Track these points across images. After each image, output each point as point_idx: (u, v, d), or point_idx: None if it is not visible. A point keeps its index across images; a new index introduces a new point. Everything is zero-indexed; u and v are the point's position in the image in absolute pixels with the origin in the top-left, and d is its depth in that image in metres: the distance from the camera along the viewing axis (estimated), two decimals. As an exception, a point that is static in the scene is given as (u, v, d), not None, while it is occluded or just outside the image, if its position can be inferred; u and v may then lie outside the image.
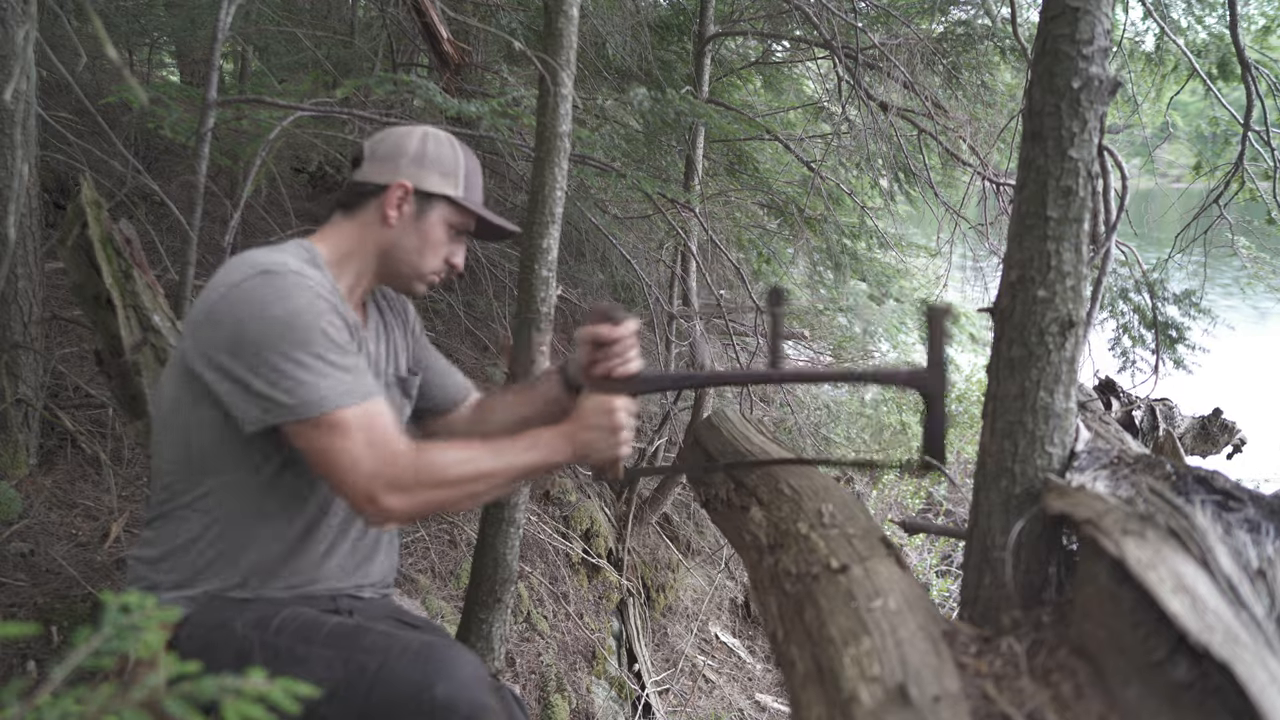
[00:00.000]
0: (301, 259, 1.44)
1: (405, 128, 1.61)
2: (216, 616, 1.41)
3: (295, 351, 1.31)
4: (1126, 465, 1.27)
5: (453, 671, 1.30)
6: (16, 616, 2.00)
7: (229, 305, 1.34)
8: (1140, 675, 0.85)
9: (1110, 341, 2.22)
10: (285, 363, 1.31)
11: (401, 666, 1.30)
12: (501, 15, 3.30)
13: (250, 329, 1.31)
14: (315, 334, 1.33)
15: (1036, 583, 1.29)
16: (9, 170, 2.16)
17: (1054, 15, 1.25)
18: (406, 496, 1.32)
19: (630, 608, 3.88)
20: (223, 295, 1.36)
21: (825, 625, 1.11)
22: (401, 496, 1.32)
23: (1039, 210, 1.26)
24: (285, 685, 0.76)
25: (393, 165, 1.54)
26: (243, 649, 1.36)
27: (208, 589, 1.43)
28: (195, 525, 1.42)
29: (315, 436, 1.32)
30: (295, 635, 1.38)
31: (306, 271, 1.40)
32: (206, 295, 1.39)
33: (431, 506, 1.37)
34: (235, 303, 1.34)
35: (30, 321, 2.29)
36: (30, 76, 2.14)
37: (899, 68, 3.19)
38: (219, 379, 1.34)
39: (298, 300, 1.33)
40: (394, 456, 1.33)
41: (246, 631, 1.38)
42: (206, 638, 1.38)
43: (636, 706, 3.41)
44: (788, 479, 1.58)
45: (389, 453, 1.33)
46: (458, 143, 1.62)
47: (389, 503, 1.32)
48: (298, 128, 2.57)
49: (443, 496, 1.36)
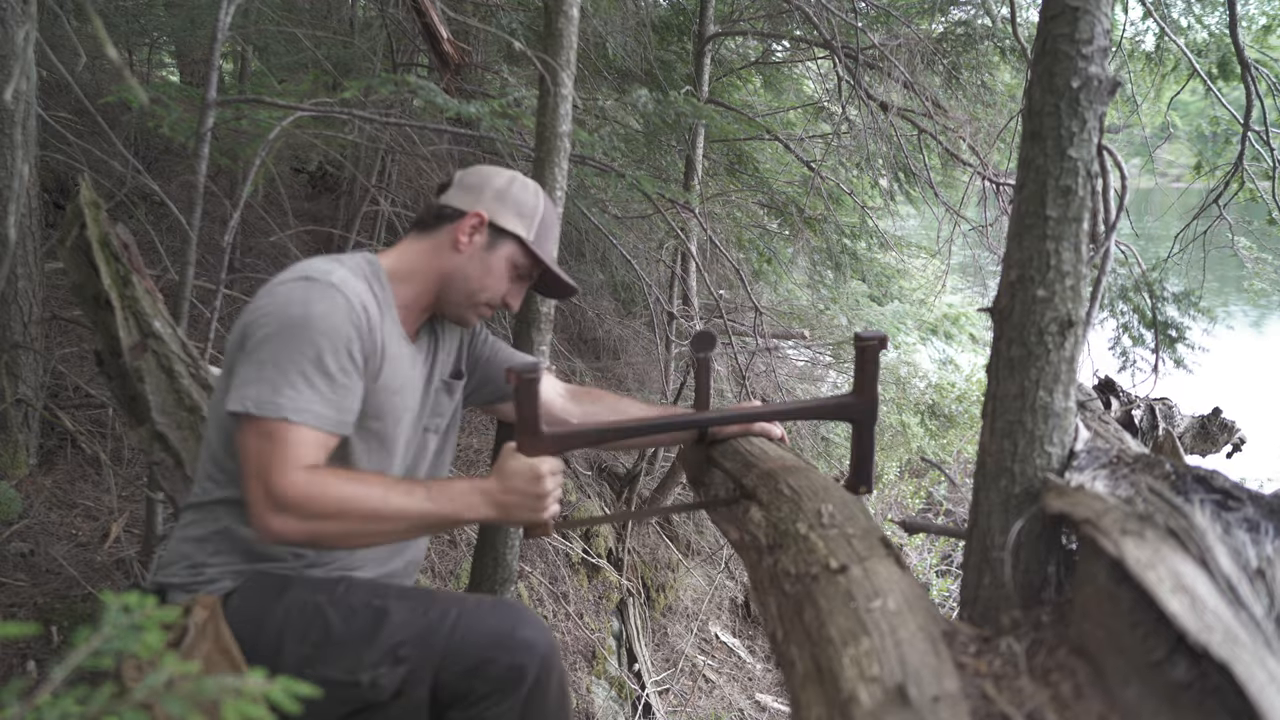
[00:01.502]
0: (358, 272, 1.49)
1: (498, 167, 1.69)
2: (271, 588, 1.44)
3: (285, 354, 1.35)
4: (1126, 465, 1.27)
5: (530, 619, 1.43)
6: (16, 616, 2.01)
7: (262, 299, 1.41)
8: (1139, 675, 0.85)
9: (1110, 341, 2.22)
10: (271, 361, 1.34)
11: (482, 613, 1.41)
12: (501, 15, 3.30)
13: (264, 323, 1.37)
14: (310, 347, 1.36)
15: (1036, 582, 1.29)
16: (9, 170, 2.16)
17: (1053, 15, 1.25)
18: (294, 522, 1.31)
19: (630, 607, 3.88)
20: (265, 291, 1.43)
21: (825, 626, 1.11)
22: (287, 520, 1.31)
23: (1038, 210, 1.26)
24: (285, 685, 0.77)
25: (475, 196, 1.62)
26: (311, 612, 1.40)
27: (257, 566, 1.46)
28: (242, 511, 1.43)
29: (249, 434, 1.34)
30: (368, 593, 1.44)
31: (350, 285, 1.43)
32: (259, 291, 1.46)
33: (324, 537, 1.35)
34: (268, 298, 1.41)
35: (30, 321, 2.29)
36: (30, 77, 2.14)
37: (899, 67, 3.19)
38: (235, 363, 1.39)
39: (315, 309, 1.38)
40: (293, 482, 1.32)
41: (312, 596, 1.42)
42: (261, 608, 1.41)
43: (636, 706, 3.41)
44: (787, 479, 1.58)
45: (291, 477, 1.32)
46: (543, 194, 1.69)
47: (274, 523, 1.31)
48: (297, 128, 2.57)
49: (333, 529, 1.34)
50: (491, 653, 1.38)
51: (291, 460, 1.33)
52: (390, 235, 4.18)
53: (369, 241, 4.17)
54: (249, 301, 1.47)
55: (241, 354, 1.38)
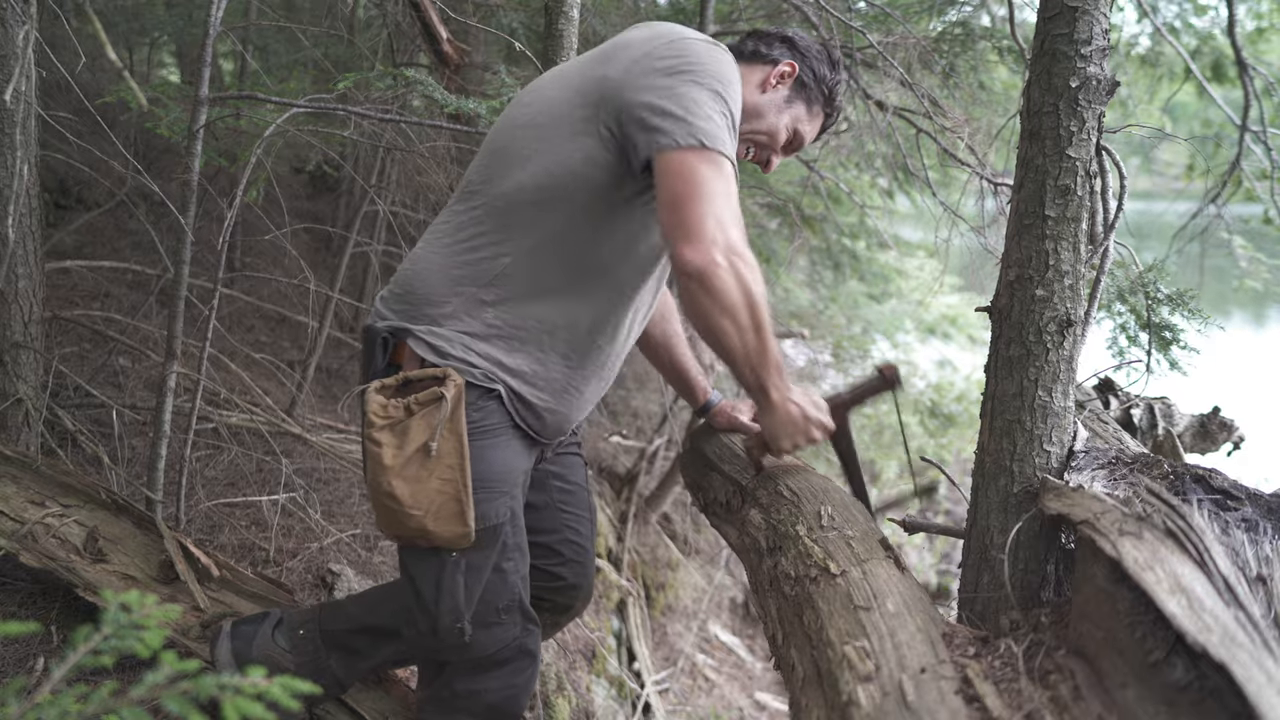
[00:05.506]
0: None
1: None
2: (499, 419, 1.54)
3: (714, 94, 1.39)
4: (1124, 465, 1.27)
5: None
6: (17, 616, 2.01)
7: (668, 49, 1.43)
8: (1138, 676, 0.85)
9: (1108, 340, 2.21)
10: (709, 100, 1.38)
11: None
12: (501, 15, 3.29)
13: (695, 70, 1.40)
14: (734, 99, 1.43)
15: (1034, 582, 1.29)
16: (9, 170, 2.16)
17: (1052, 15, 1.25)
18: (727, 269, 1.34)
19: (630, 607, 3.88)
20: (668, 42, 1.44)
21: (824, 628, 1.11)
22: (730, 266, 1.34)
23: (1037, 209, 1.27)
24: (284, 683, 0.77)
25: (799, 53, 1.69)
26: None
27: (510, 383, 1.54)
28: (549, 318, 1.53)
29: (694, 157, 1.34)
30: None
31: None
32: (641, 40, 1.47)
33: (727, 311, 1.36)
34: (682, 49, 1.43)
35: (30, 321, 2.29)
36: (30, 77, 2.14)
37: (896, 67, 3.19)
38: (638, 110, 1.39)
39: (732, 72, 1.45)
40: (742, 230, 1.37)
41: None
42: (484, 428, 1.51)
43: (636, 705, 3.41)
44: (786, 481, 1.58)
45: (740, 226, 1.37)
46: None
47: (720, 259, 1.33)
48: (296, 126, 2.57)
49: (737, 300, 1.36)
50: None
51: (737, 208, 1.38)
52: (390, 235, 4.18)
53: (369, 241, 4.17)
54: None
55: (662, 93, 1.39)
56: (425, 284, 1.53)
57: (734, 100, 1.44)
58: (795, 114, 1.69)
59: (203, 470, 2.88)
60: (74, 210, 4.22)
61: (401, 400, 1.45)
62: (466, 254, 1.51)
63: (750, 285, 1.35)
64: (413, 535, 1.47)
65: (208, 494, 2.76)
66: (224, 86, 4.54)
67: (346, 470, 3.11)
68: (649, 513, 4.56)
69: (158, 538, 2.13)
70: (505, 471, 1.54)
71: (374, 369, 1.52)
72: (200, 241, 3.71)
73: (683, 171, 1.35)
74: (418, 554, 1.52)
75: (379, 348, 1.51)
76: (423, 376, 1.47)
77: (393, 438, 1.44)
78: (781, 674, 1.27)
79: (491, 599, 1.55)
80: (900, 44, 3.37)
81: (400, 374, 1.48)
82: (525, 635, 1.61)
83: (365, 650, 1.79)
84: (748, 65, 1.67)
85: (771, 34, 1.71)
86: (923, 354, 7.11)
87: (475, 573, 1.52)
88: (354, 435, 3.48)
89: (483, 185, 1.53)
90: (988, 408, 1.35)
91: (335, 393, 3.98)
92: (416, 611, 1.54)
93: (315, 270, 4.38)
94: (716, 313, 1.36)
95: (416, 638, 1.57)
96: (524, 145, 1.49)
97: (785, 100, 1.67)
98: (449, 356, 1.49)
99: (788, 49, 1.68)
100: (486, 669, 1.59)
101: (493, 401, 1.51)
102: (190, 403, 2.46)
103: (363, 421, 1.47)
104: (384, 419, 1.44)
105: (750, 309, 1.36)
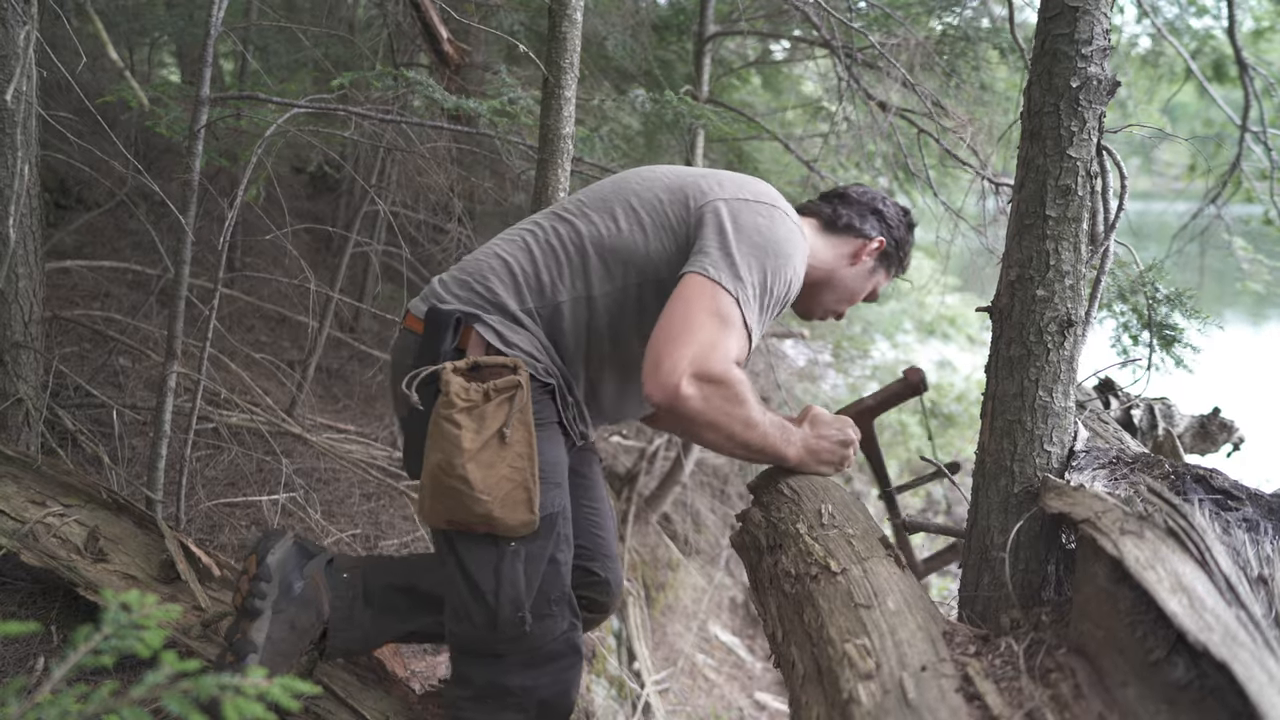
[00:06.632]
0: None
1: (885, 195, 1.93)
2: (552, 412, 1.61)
3: (763, 266, 1.51)
4: (1125, 465, 1.27)
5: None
6: (17, 616, 2.01)
7: (755, 211, 1.57)
8: (1138, 675, 0.85)
9: (1110, 339, 2.22)
10: (755, 263, 1.50)
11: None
12: (502, 15, 3.29)
13: (764, 239, 1.53)
14: (781, 278, 1.54)
15: (1035, 581, 1.29)
16: (9, 170, 2.16)
17: (1053, 15, 1.25)
18: (701, 401, 1.43)
19: (630, 607, 3.88)
20: (755, 204, 1.58)
21: (824, 626, 1.11)
22: (699, 393, 1.42)
23: (1038, 209, 1.27)
24: (284, 683, 0.77)
25: (880, 222, 1.85)
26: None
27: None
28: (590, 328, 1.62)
29: (703, 297, 1.45)
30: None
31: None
32: (738, 184, 1.63)
33: (706, 428, 1.47)
34: (762, 215, 1.56)
35: (30, 321, 2.29)
36: (31, 76, 2.14)
37: (897, 66, 3.19)
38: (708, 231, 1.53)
39: (796, 249, 1.58)
40: (728, 362, 1.44)
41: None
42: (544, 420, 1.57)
43: (636, 705, 3.41)
44: (787, 479, 1.58)
45: (725, 356, 1.44)
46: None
47: (687, 388, 1.42)
48: (297, 127, 2.57)
49: (714, 417, 1.45)
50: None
51: (729, 344, 1.46)
52: (390, 235, 4.18)
53: (369, 241, 4.17)
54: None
55: (731, 236, 1.52)
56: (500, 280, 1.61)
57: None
58: (877, 280, 1.88)
59: (203, 470, 2.88)
60: (74, 210, 4.22)
61: (480, 385, 1.46)
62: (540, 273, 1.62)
63: (723, 404, 1.45)
64: (474, 521, 1.46)
65: (208, 494, 2.76)
66: (224, 86, 4.54)
67: (346, 470, 3.11)
68: (649, 513, 4.56)
69: (158, 537, 2.13)
70: (557, 463, 1.57)
71: (442, 351, 1.51)
72: (200, 241, 3.71)
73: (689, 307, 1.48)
74: (473, 544, 1.50)
75: (449, 329, 1.52)
76: (492, 363, 1.49)
77: (472, 421, 1.43)
78: (781, 672, 1.27)
79: (547, 590, 1.54)
80: (902, 45, 3.37)
81: (469, 358, 1.49)
82: (572, 630, 1.60)
83: (403, 611, 1.77)
84: (839, 236, 1.82)
85: (864, 205, 1.84)
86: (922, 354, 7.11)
87: (534, 562, 1.52)
88: (354, 435, 3.48)
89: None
90: (988, 408, 1.35)
91: (335, 393, 3.98)
92: (471, 602, 1.51)
93: (315, 270, 4.38)
94: (698, 430, 1.49)
95: (470, 630, 1.53)
96: None
97: (870, 271, 1.85)
98: (515, 346, 1.53)
99: (878, 221, 1.84)
100: (539, 664, 1.57)
101: (547, 396, 1.57)
102: (190, 402, 2.46)
103: (438, 402, 1.46)
104: (465, 401, 1.44)
105: (730, 416, 1.46)
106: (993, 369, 1.35)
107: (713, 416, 1.45)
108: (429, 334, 1.54)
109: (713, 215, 1.54)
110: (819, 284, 1.81)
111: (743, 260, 1.48)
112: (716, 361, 1.42)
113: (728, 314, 1.45)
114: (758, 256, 1.50)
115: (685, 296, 1.46)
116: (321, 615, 1.71)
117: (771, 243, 1.53)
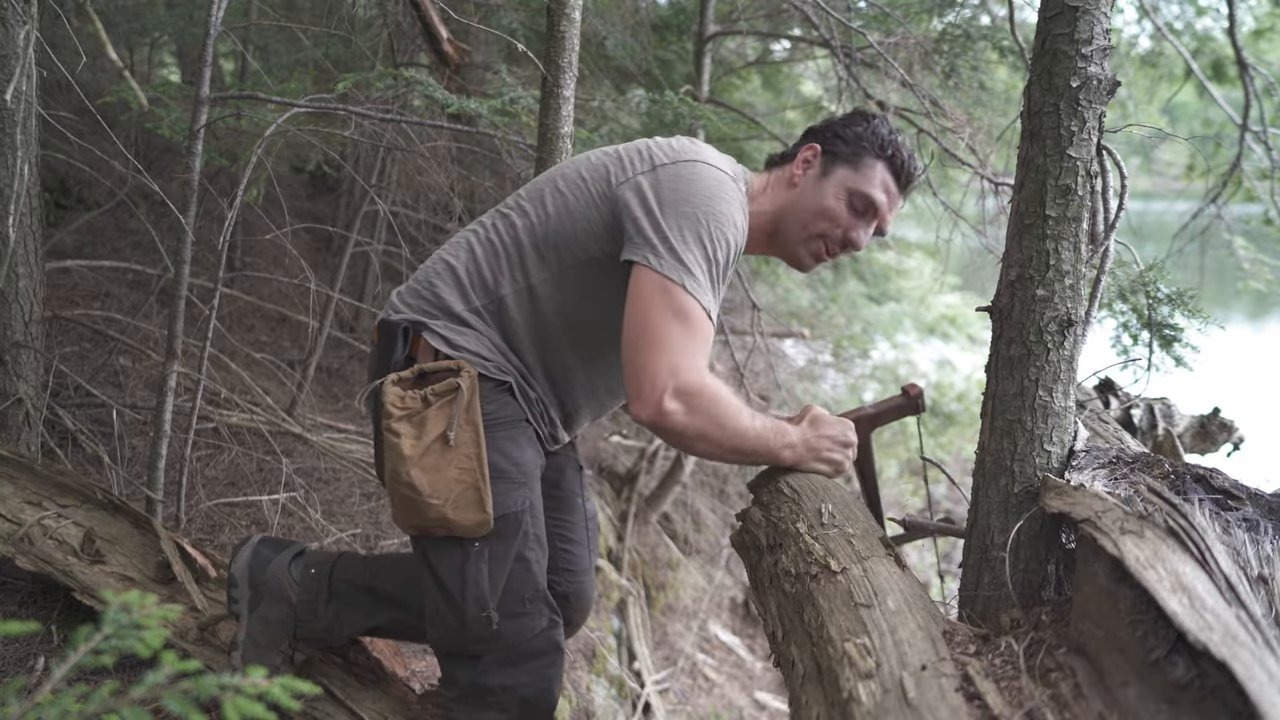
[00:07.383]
0: (739, 175, 1.63)
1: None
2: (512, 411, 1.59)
3: (698, 235, 1.46)
4: (1125, 464, 1.27)
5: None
6: (17, 616, 2.01)
7: (674, 174, 1.51)
8: (1139, 675, 0.85)
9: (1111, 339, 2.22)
10: (690, 235, 1.45)
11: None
12: (501, 15, 3.29)
13: (691, 204, 1.48)
14: (721, 240, 1.48)
15: (1035, 581, 1.29)
16: (9, 170, 2.16)
17: (1053, 14, 1.25)
18: (686, 415, 1.43)
19: (630, 606, 3.88)
20: (672, 166, 1.52)
21: (825, 625, 1.11)
22: (683, 407, 1.43)
23: (1038, 209, 1.27)
24: (284, 683, 0.77)
25: (819, 134, 1.71)
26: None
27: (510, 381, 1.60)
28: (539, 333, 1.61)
29: (657, 297, 1.43)
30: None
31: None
32: (652, 154, 1.57)
33: (696, 439, 1.47)
34: (683, 176, 1.50)
35: (30, 321, 2.29)
36: (31, 76, 2.14)
37: (896, 67, 3.19)
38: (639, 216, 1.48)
39: (725, 197, 1.51)
40: (701, 371, 1.44)
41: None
42: (500, 420, 1.56)
43: (636, 705, 3.41)
44: (787, 478, 1.58)
45: (697, 365, 1.44)
46: (892, 128, 1.72)
47: (669, 404, 1.42)
48: (297, 126, 2.57)
49: (702, 428, 1.45)
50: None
51: (697, 349, 1.45)
52: (390, 235, 4.18)
53: (369, 241, 4.17)
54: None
55: (666, 217, 1.47)
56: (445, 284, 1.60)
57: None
58: (838, 180, 1.66)
59: (203, 470, 2.88)
60: (74, 210, 4.22)
61: (419, 391, 1.48)
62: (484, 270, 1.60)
63: (709, 412, 1.45)
64: (432, 525, 1.48)
65: (208, 493, 2.76)
66: (225, 86, 4.54)
67: (347, 470, 3.11)
68: (649, 512, 4.56)
69: (155, 538, 2.13)
70: (521, 462, 1.57)
71: (393, 361, 1.54)
72: (200, 241, 3.71)
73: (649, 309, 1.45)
74: (439, 546, 1.53)
75: (398, 340, 1.54)
76: (437, 368, 1.50)
77: (411, 428, 1.46)
78: (781, 671, 1.27)
79: (517, 589, 1.56)
80: (901, 44, 3.37)
81: (415, 366, 1.51)
82: (551, 628, 1.62)
83: (364, 608, 1.81)
84: (776, 170, 1.72)
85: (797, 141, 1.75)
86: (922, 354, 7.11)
87: (498, 561, 1.53)
88: (354, 435, 3.48)
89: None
90: (988, 407, 1.35)
91: (335, 392, 3.98)
92: (442, 604, 1.54)
93: (315, 270, 4.38)
94: (688, 442, 1.49)
95: (444, 633, 1.57)
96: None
97: (818, 179, 1.67)
98: (461, 349, 1.53)
99: (811, 134, 1.73)
100: (517, 662, 1.59)
101: (505, 394, 1.56)
102: (190, 402, 2.46)
103: (380, 414, 1.49)
104: (402, 410, 1.47)
105: (718, 424, 1.46)
106: (993, 369, 1.35)
107: (701, 427, 1.45)
108: (380, 346, 1.59)
109: (634, 193, 1.50)
110: (775, 227, 1.69)
111: (678, 239, 1.45)
112: (691, 372, 1.43)
113: (686, 310, 1.43)
114: (690, 225, 1.46)
115: (641, 295, 1.44)
116: (292, 605, 1.81)
117: (700, 203, 1.47)
